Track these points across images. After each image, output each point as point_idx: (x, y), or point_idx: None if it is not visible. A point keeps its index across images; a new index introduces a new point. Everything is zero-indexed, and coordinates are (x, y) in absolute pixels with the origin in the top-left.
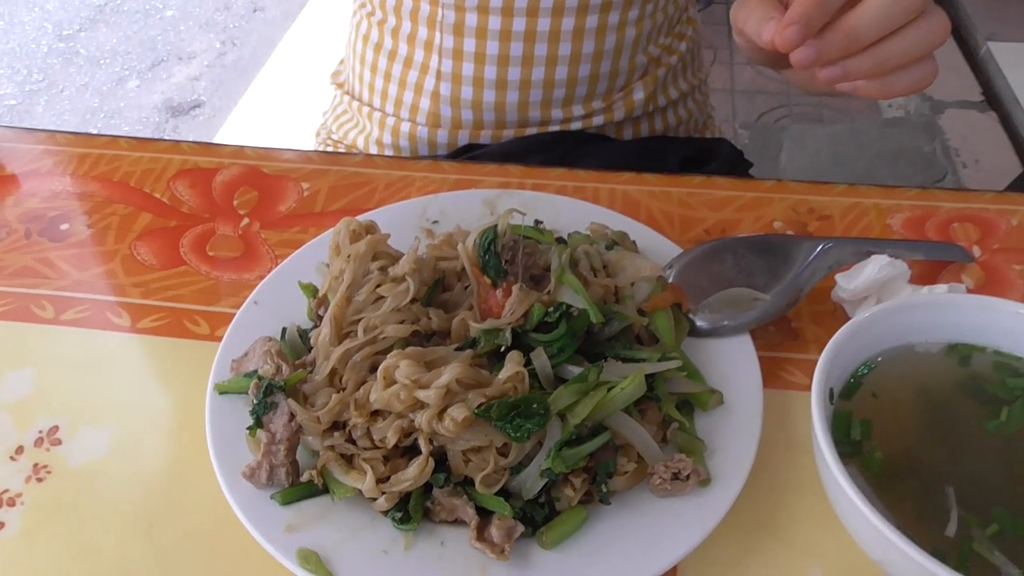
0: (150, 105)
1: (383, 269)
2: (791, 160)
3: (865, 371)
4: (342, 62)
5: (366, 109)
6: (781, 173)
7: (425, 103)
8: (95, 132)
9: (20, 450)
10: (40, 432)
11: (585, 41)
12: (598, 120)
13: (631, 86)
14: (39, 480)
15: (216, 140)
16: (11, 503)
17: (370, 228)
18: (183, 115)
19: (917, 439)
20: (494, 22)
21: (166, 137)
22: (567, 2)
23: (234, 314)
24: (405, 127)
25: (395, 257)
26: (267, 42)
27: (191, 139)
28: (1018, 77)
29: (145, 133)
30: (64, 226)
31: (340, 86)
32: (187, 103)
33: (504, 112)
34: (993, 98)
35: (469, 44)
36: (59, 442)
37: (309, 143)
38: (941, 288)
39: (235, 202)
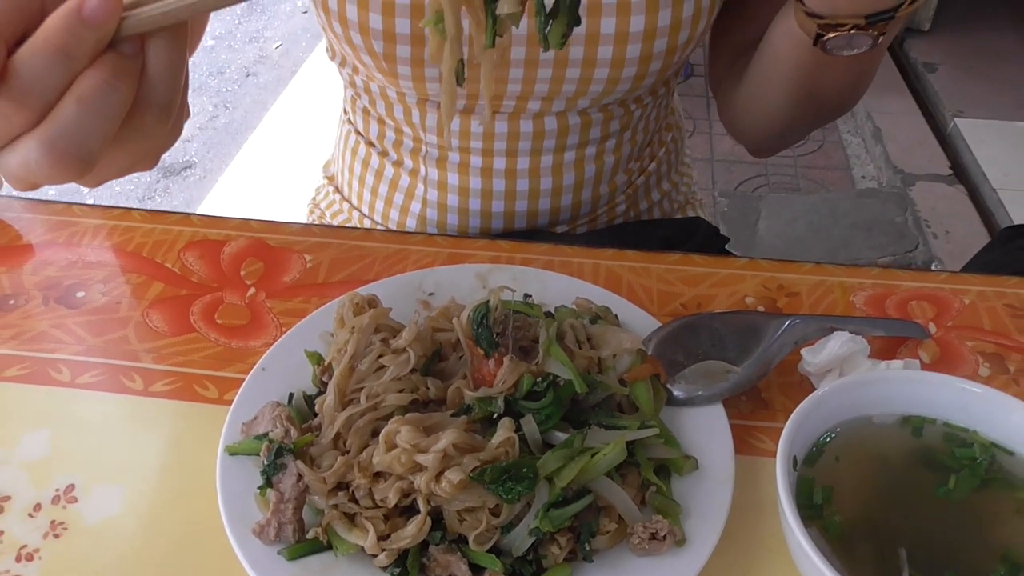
0: None
1: (384, 341)
2: (769, 228)
3: (827, 440)
4: (332, 153)
5: (356, 213)
6: (759, 241)
7: (412, 222)
8: (86, 191)
9: (38, 507)
10: (57, 490)
11: (565, 175)
12: (582, 230)
13: (614, 201)
14: (56, 536)
15: (206, 200)
16: (29, 558)
17: (372, 302)
18: (174, 175)
19: (874, 504)
20: (475, 160)
21: (157, 196)
22: (544, 143)
23: (241, 379)
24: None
25: (396, 329)
26: (259, 106)
27: (181, 198)
28: (984, 152)
29: (137, 193)
30: (80, 294)
31: (330, 180)
32: (179, 164)
33: (489, 234)
34: (961, 172)
35: (452, 178)
36: (75, 500)
37: (298, 206)
38: (897, 364)
39: (242, 272)
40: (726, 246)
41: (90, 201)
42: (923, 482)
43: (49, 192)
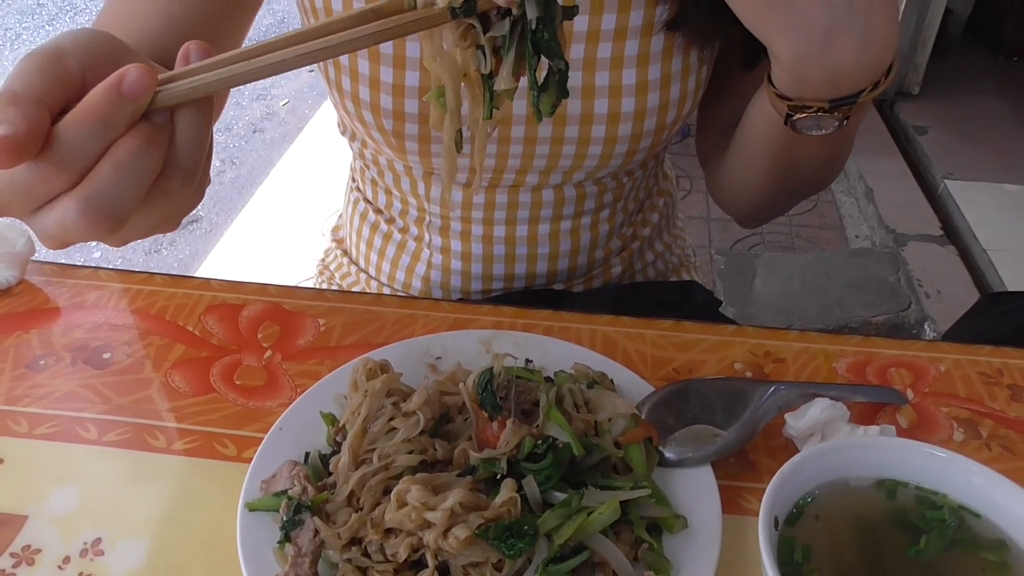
0: None
1: (396, 404)
2: (764, 286)
3: (806, 501)
4: (340, 218)
5: (363, 275)
6: (755, 298)
7: (417, 283)
8: (94, 244)
9: (67, 560)
10: (85, 544)
11: (562, 241)
12: (579, 288)
13: (609, 263)
14: None
15: (212, 254)
16: None
17: (384, 367)
18: (181, 229)
19: (850, 562)
20: (476, 228)
21: (163, 249)
22: (542, 213)
23: (258, 438)
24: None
25: (406, 393)
26: (265, 162)
27: (187, 251)
28: (974, 214)
29: (143, 245)
30: (106, 355)
31: (339, 243)
32: (186, 218)
33: (490, 293)
34: (952, 232)
35: (455, 244)
36: (101, 553)
37: (302, 261)
38: (874, 430)
39: (259, 335)
40: (720, 308)
41: (96, 254)
42: (896, 542)
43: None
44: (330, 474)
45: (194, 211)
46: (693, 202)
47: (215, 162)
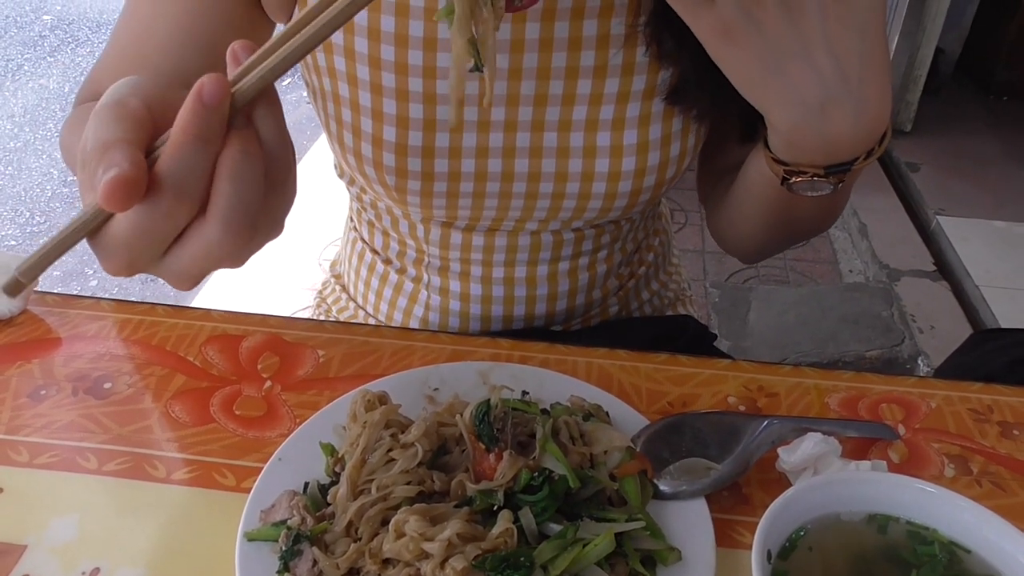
0: None
1: (394, 435)
2: (759, 319)
3: (799, 535)
4: (338, 253)
5: (362, 312)
6: (750, 331)
7: (414, 324)
8: (91, 272)
9: None
10: (83, 573)
11: (560, 282)
12: (576, 327)
13: (606, 303)
14: None
15: (208, 284)
16: None
17: (383, 398)
18: None
19: None
20: (475, 270)
21: (159, 280)
22: (540, 255)
23: (257, 467)
24: None
25: (404, 424)
26: None
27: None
28: (966, 250)
29: (142, 276)
30: (107, 385)
31: (337, 278)
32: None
33: (489, 333)
34: (944, 268)
35: (454, 285)
36: None
37: (297, 291)
38: (866, 464)
39: (259, 366)
40: (715, 343)
41: (93, 283)
42: None
43: (69, 283)
44: (328, 504)
45: None
46: (688, 235)
47: None
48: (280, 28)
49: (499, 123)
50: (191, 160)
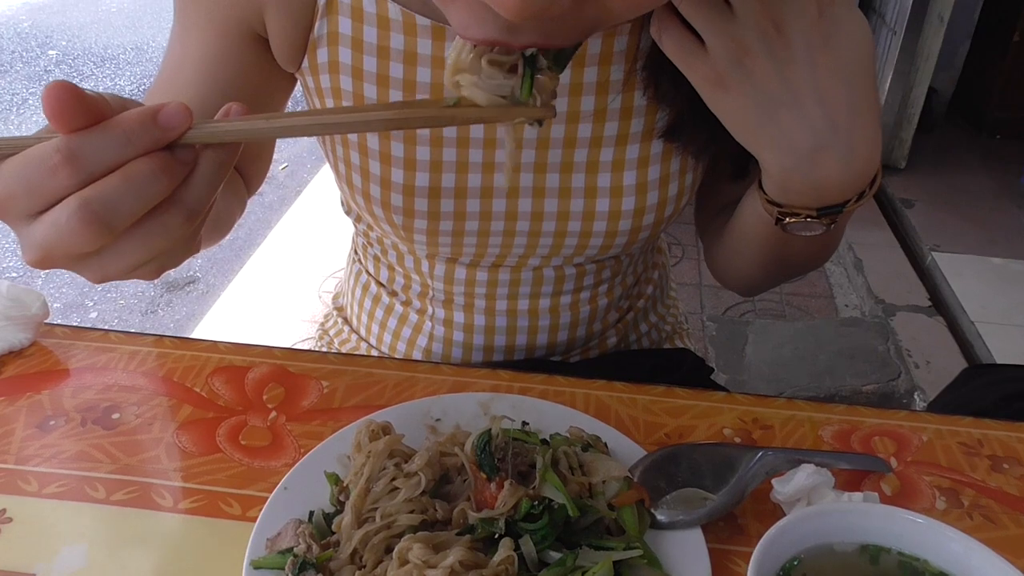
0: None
1: (397, 465)
2: (755, 353)
3: (792, 565)
4: (339, 284)
5: (364, 344)
6: (747, 365)
7: (417, 354)
8: (91, 303)
9: None
10: None
11: (561, 315)
12: (575, 359)
13: (605, 335)
14: None
15: (208, 315)
16: None
17: (386, 429)
18: (178, 290)
19: None
20: (479, 302)
21: (160, 310)
22: (543, 289)
23: (262, 497)
24: None
25: (407, 454)
26: (263, 224)
27: (184, 312)
28: (961, 285)
29: (140, 307)
30: (115, 415)
31: (340, 310)
32: (182, 279)
33: (491, 364)
34: (939, 304)
35: (458, 316)
36: None
37: (297, 323)
38: (858, 496)
39: (264, 397)
40: (712, 376)
41: (93, 315)
42: None
43: (69, 315)
44: (333, 533)
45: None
46: (685, 269)
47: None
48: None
49: (503, 164)
50: (104, 145)
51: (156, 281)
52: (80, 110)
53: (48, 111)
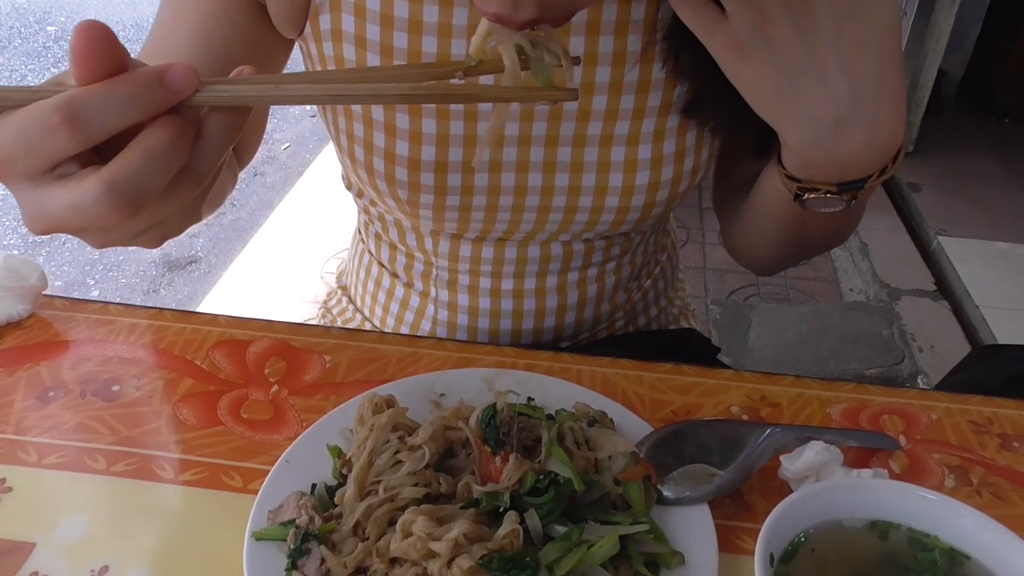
0: (148, 259)
1: (401, 438)
2: (759, 337)
3: (801, 540)
4: (343, 264)
5: (368, 324)
6: (750, 349)
7: None
8: (92, 282)
9: None
10: (92, 571)
11: (569, 294)
12: (583, 343)
13: (613, 318)
14: None
15: (210, 295)
16: None
17: (390, 402)
18: (179, 270)
19: None
20: (484, 282)
21: (162, 289)
22: (550, 266)
23: (264, 470)
24: None
25: (411, 427)
26: (265, 205)
27: (185, 292)
28: (966, 270)
29: (142, 286)
30: (115, 388)
31: (344, 289)
32: (184, 258)
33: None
34: (945, 288)
35: (463, 299)
36: None
37: (299, 303)
38: (867, 472)
39: (266, 371)
40: (718, 356)
41: (95, 292)
42: None
43: (71, 293)
44: (335, 505)
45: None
46: (689, 253)
47: None
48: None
49: (513, 138)
50: (107, 106)
51: (158, 260)
52: (107, 56)
53: (76, 51)
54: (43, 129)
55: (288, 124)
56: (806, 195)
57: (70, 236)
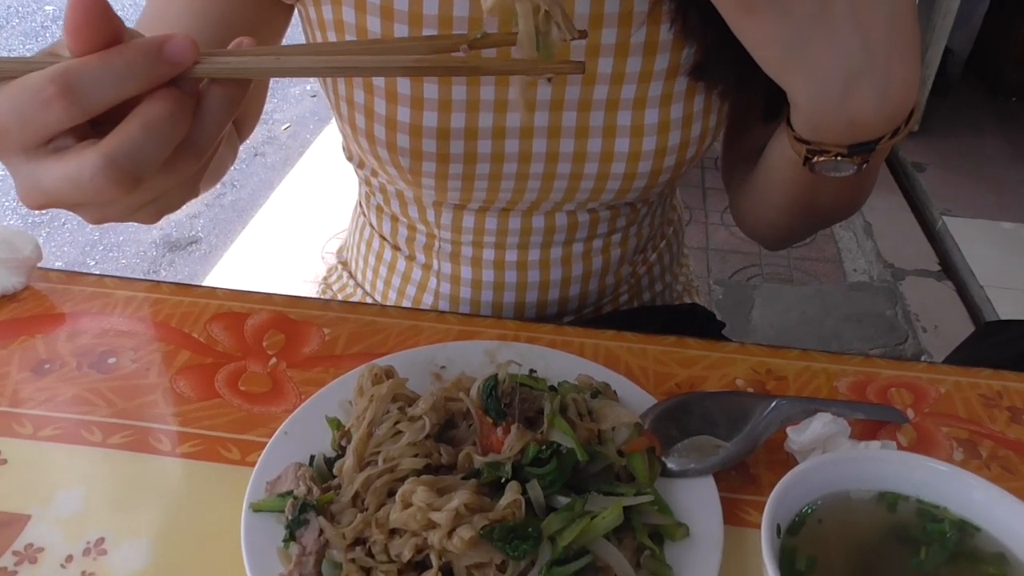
0: (148, 240)
1: (401, 409)
2: (762, 317)
3: (808, 511)
4: (344, 239)
5: (369, 299)
6: (753, 329)
7: None
8: (92, 263)
9: (70, 559)
10: (88, 543)
11: (573, 265)
12: (588, 317)
13: (618, 292)
14: None
15: (210, 276)
16: None
17: (389, 372)
18: (180, 250)
19: (851, 572)
20: (488, 253)
21: (162, 270)
22: (555, 237)
23: (262, 442)
24: None
25: (411, 398)
26: (266, 185)
27: (186, 272)
28: (971, 250)
29: (142, 267)
30: (111, 360)
31: (344, 264)
32: (185, 239)
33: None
34: (949, 268)
35: (465, 271)
36: (105, 552)
37: (300, 284)
38: (875, 444)
39: (264, 343)
40: (722, 331)
41: (97, 272)
42: (897, 554)
43: (56, 264)
44: (334, 477)
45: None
46: (692, 233)
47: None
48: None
49: (516, 103)
50: (103, 77)
51: (158, 241)
52: (103, 27)
53: (71, 22)
54: (38, 101)
55: (288, 104)
56: (816, 158)
57: (70, 216)
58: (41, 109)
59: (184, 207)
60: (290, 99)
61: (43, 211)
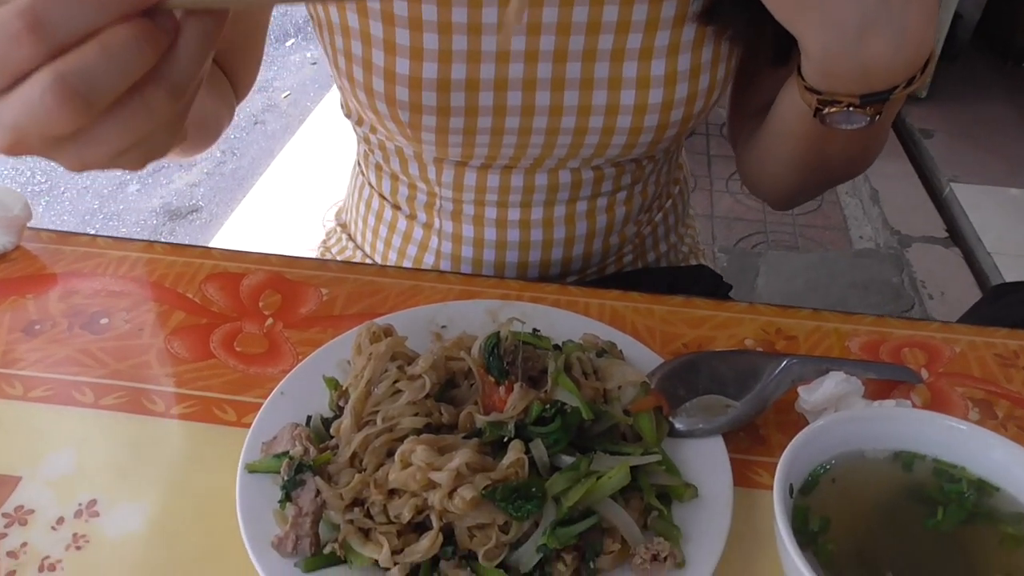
0: (149, 209)
1: (400, 368)
2: (767, 284)
3: (822, 471)
4: (344, 202)
5: (368, 261)
6: (757, 297)
7: None
8: (93, 232)
9: (61, 521)
10: (80, 505)
11: (577, 224)
12: (592, 277)
13: (622, 251)
14: (78, 548)
15: (212, 244)
16: (52, 568)
17: (388, 331)
18: (180, 219)
19: (865, 533)
20: (490, 212)
21: (162, 239)
22: (559, 195)
23: (258, 403)
24: None
25: (411, 357)
26: (266, 153)
27: (186, 241)
28: (978, 217)
29: (143, 235)
30: (104, 320)
31: (343, 227)
32: (185, 208)
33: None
34: (956, 235)
35: (467, 230)
36: (97, 515)
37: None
38: (890, 403)
39: (260, 304)
40: (729, 293)
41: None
42: (912, 514)
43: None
44: (332, 437)
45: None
46: (697, 199)
47: (215, 152)
48: None
49: (519, 53)
50: (73, 9)
51: (159, 209)
52: None
53: None
54: (6, 38)
55: (288, 72)
56: (827, 109)
57: (69, 184)
58: (10, 46)
59: (184, 176)
60: (290, 67)
61: (43, 180)
